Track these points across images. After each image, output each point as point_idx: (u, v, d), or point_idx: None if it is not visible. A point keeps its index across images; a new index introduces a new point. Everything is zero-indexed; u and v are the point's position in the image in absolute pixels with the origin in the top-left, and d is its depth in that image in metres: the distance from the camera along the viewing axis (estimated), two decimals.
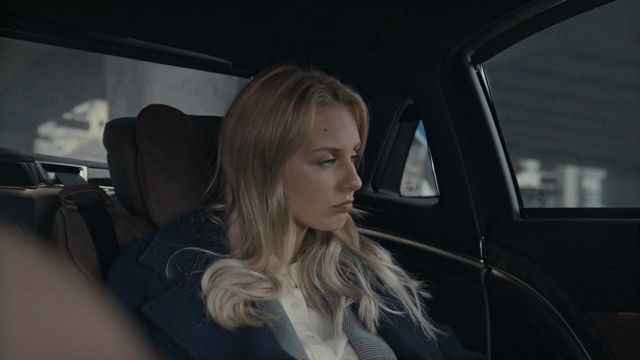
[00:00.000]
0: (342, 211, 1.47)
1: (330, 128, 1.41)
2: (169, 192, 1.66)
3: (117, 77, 3.36)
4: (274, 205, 1.40)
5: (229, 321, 1.27)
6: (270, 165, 1.39)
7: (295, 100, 1.38)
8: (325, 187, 1.42)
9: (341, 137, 1.42)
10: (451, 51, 1.93)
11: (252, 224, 1.42)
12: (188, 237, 1.44)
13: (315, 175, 1.41)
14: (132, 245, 1.48)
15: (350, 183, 1.43)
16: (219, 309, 1.27)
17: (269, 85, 1.43)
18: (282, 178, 1.41)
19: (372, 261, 1.59)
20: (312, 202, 1.43)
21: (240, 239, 1.44)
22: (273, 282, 1.39)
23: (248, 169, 1.41)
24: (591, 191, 2.60)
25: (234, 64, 2.57)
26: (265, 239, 1.41)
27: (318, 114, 1.40)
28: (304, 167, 1.41)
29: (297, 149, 1.39)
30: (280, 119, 1.37)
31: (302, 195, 1.42)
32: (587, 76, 2.12)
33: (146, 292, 1.37)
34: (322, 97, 1.41)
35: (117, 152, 1.72)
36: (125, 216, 1.73)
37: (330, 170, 1.43)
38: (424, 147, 2.55)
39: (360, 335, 1.40)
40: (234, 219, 1.46)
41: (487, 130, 1.92)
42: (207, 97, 3.51)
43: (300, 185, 1.42)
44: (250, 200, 1.42)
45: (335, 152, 1.42)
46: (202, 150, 1.76)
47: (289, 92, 1.39)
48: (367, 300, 1.44)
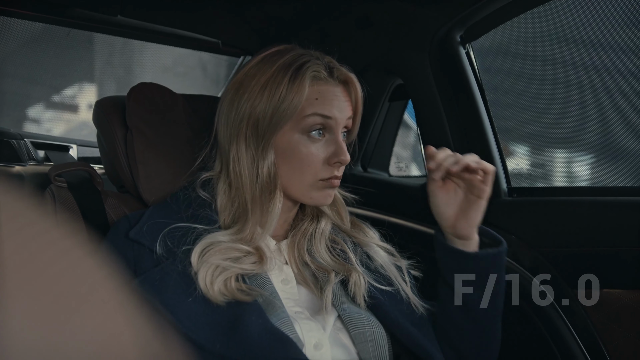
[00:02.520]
0: (330, 186, 1.48)
1: (322, 98, 1.44)
2: (158, 169, 1.66)
3: (107, 59, 3.35)
4: (264, 172, 1.42)
5: (220, 296, 1.28)
6: (263, 134, 1.41)
7: (290, 74, 1.41)
8: (314, 159, 1.44)
9: (332, 108, 1.44)
10: (440, 31, 1.94)
11: (239, 190, 1.44)
12: (178, 213, 1.46)
13: (304, 147, 1.43)
14: (122, 221, 1.48)
15: (339, 157, 1.44)
16: (209, 283, 1.29)
17: (267, 60, 1.46)
18: (274, 148, 1.43)
19: (361, 239, 1.61)
20: (300, 174, 1.44)
21: (226, 206, 1.47)
22: (259, 255, 1.41)
23: (241, 136, 1.43)
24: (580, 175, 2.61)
25: (223, 43, 2.57)
26: (252, 206, 1.43)
27: (311, 87, 1.43)
28: (295, 136, 1.43)
29: (289, 119, 1.41)
30: (275, 90, 1.40)
31: (291, 166, 1.44)
32: (575, 60, 2.12)
33: (136, 267, 1.37)
34: (317, 72, 1.44)
35: (106, 130, 1.72)
36: (115, 194, 1.73)
37: (320, 144, 1.45)
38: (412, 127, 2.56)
39: (350, 309, 1.41)
40: (221, 186, 1.48)
41: (476, 109, 1.93)
42: (197, 79, 3.50)
43: (290, 155, 1.44)
44: (240, 168, 1.44)
45: (325, 121, 1.44)
46: (192, 128, 1.76)
47: (285, 66, 1.42)
48: (357, 276, 1.45)
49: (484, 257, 1.46)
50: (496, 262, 1.47)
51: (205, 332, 1.24)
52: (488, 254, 1.46)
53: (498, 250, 1.46)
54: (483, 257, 1.46)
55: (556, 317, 1.68)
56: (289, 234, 1.58)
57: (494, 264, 1.47)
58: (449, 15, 1.89)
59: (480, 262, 1.46)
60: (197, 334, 1.24)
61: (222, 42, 2.57)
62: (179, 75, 3.54)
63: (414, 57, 2.00)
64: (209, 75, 3.45)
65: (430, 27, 1.93)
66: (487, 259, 1.46)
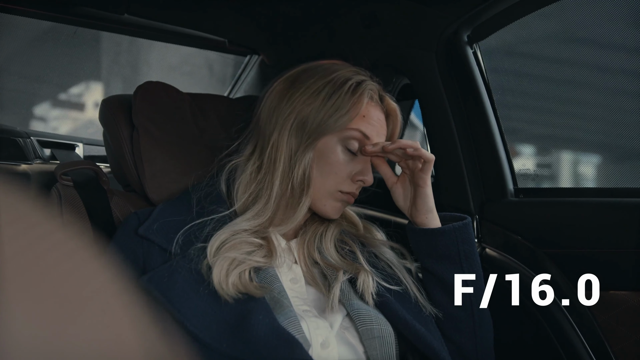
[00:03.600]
0: (344, 201, 1.53)
1: (368, 117, 1.50)
2: (164, 168, 1.66)
3: (113, 57, 3.35)
4: (299, 171, 1.46)
5: (233, 289, 1.29)
6: (309, 134, 1.46)
7: (349, 86, 1.48)
8: (342, 170, 1.49)
9: (373, 129, 1.50)
10: (447, 30, 1.93)
11: (269, 175, 1.48)
12: (189, 209, 1.48)
13: (337, 156, 1.49)
14: (132, 218, 1.50)
15: (364, 177, 1.50)
16: (225, 276, 1.30)
17: (325, 66, 1.54)
18: (314, 149, 1.47)
19: (370, 239, 1.65)
20: (325, 178, 1.49)
21: (248, 187, 1.51)
22: (268, 248, 1.44)
23: (286, 127, 1.48)
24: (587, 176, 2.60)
25: (230, 42, 2.57)
26: (276, 197, 1.47)
27: (365, 105, 1.50)
28: (334, 144, 1.48)
29: (339, 128, 1.47)
30: (332, 96, 1.46)
31: (320, 169, 1.48)
32: (583, 60, 2.11)
33: (145, 264, 1.38)
34: (373, 93, 1.53)
35: (113, 128, 1.72)
36: (121, 193, 1.73)
37: (351, 159, 1.51)
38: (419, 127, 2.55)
39: (359, 306, 1.42)
40: (250, 168, 1.52)
41: (482, 110, 1.93)
42: (203, 78, 3.50)
43: (324, 159, 1.48)
44: (277, 155, 1.48)
45: (363, 140, 1.49)
46: (198, 127, 1.76)
47: (346, 78, 1.49)
48: (365, 275, 1.47)
49: (448, 231, 1.51)
50: (460, 234, 1.52)
51: (212, 331, 1.25)
52: (451, 228, 1.51)
53: (462, 224, 1.52)
54: (447, 231, 1.51)
55: (562, 318, 1.68)
56: (299, 233, 1.60)
57: (460, 237, 1.52)
58: (456, 15, 1.89)
59: (445, 236, 1.51)
60: (203, 333, 1.24)
61: (229, 40, 2.57)
62: (186, 74, 3.54)
63: (421, 56, 2.00)
64: (215, 75, 3.45)
65: (438, 26, 1.93)
66: (450, 233, 1.51)
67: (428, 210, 1.52)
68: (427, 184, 1.49)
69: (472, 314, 1.54)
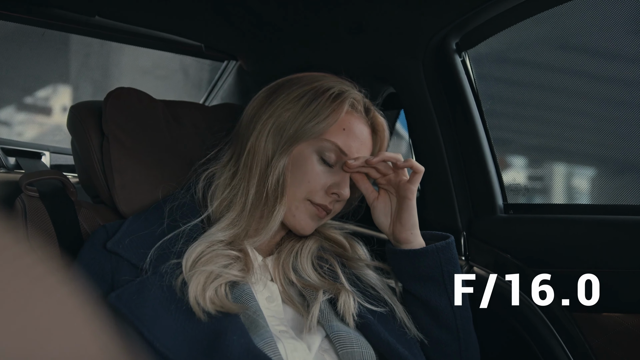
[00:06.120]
0: (315, 215, 1.53)
1: (348, 130, 1.52)
2: (135, 178, 1.66)
3: (83, 60, 3.33)
4: (274, 178, 1.46)
5: (210, 304, 1.28)
6: (285, 139, 1.48)
7: (331, 93, 1.50)
8: (316, 180, 1.50)
9: (352, 144, 1.52)
10: (435, 38, 1.94)
11: (244, 182, 1.50)
12: (160, 222, 1.48)
13: (312, 165, 1.50)
14: (100, 232, 1.49)
15: (339, 189, 1.51)
16: (202, 291, 1.30)
17: (310, 77, 1.57)
18: (289, 156, 1.48)
19: (353, 259, 1.65)
20: (297, 187, 1.49)
21: (222, 192, 1.52)
22: (245, 262, 1.44)
23: (262, 134, 1.50)
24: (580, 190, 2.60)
25: (206, 46, 2.57)
26: (251, 206, 1.48)
27: (346, 114, 1.52)
28: (310, 152, 1.50)
29: (315, 136, 1.48)
30: (312, 103, 1.49)
31: (294, 177, 1.49)
32: (577, 69, 2.12)
33: (114, 280, 1.38)
34: (356, 102, 1.55)
35: (81, 136, 1.71)
36: (89, 204, 1.73)
37: (327, 170, 1.52)
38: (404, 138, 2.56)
39: (339, 328, 1.42)
40: (225, 174, 1.54)
41: (471, 121, 1.94)
42: (178, 83, 3.49)
43: (298, 167, 1.49)
44: (253, 161, 1.50)
45: (339, 155, 1.51)
46: (171, 136, 1.76)
47: (327, 87, 1.52)
48: (346, 295, 1.47)
49: (431, 251, 1.51)
50: (444, 255, 1.52)
51: (183, 351, 1.24)
52: (434, 248, 1.51)
53: (446, 243, 1.53)
54: (430, 251, 1.51)
55: (553, 340, 1.68)
56: (275, 251, 1.60)
57: (444, 258, 1.52)
58: (444, 22, 1.89)
59: (427, 257, 1.51)
60: (174, 353, 1.23)
61: (205, 45, 2.57)
62: (159, 79, 3.53)
63: (407, 64, 2.01)
64: (191, 80, 3.44)
65: (425, 33, 1.94)
66: (433, 253, 1.51)
67: (413, 226, 1.52)
68: (415, 195, 1.50)
69: (458, 338, 1.55)
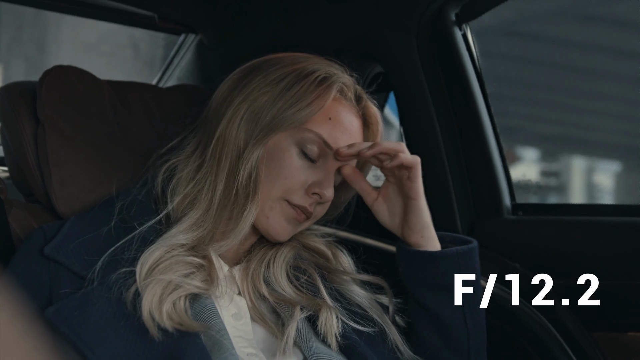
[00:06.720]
0: (293, 217, 1.50)
1: (335, 120, 1.50)
2: (76, 174, 1.65)
3: (14, 33, 3.33)
4: (245, 172, 1.44)
5: (167, 320, 1.26)
6: (260, 128, 1.45)
7: (317, 77, 1.47)
8: (295, 177, 1.47)
9: (339, 136, 1.50)
10: (430, 8, 1.94)
11: (210, 176, 1.48)
12: (108, 223, 1.45)
13: (290, 159, 1.47)
14: (37, 235, 1.47)
15: (321, 189, 1.48)
16: (157, 303, 1.27)
17: (292, 58, 1.54)
18: (264, 147, 1.46)
19: (335, 269, 1.63)
20: (272, 183, 1.47)
21: (185, 187, 1.50)
22: (209, 271, 1.41)
23: (234, 121, 1.47)
24: (603, 187, 2.61)
25: (160, 17, 2.56)
26: (219, 205, 1.46)
27: (332, 101, 1.49)
28: (288, 144, 1.47)
29: (295, 125, 1.46)
30: (295, 85, 1.46)
31: (268, 171, 1.46)
32: (600, 43, 2.12)
33: (52, 292, 1.36)
34: (346, 89, 1.52)
35: (12, 124, 1.71)
36: (21, 203, 1.72)
37: (309, 166, 1.49)
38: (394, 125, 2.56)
39: (319, 350, 1.40)
40: (189, 167, 1.51)
41: (474, 106, 1.94)
42: (127, 60, 3.49)
43: (274, 160, 1.47)
44: (222, 152, 1.47)
45: (323, 147, 1.49)
46: (120, 124, 1.75)
47: (312, 69, 1.49)
48: (328, 312, 1.45)
49: (450, 256, 1.50)
50: (465, 261, 1.51)
51: None
52: (454, 252, 1.50)
53: (468, 248, 1.51)
54: (449, 256, 1.50)
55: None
56: (243, 259, 1.58)
57: (463, 265, 1.51)
58: None
59: (445, 262, 1.50)
60: None
61: (159, 16, 2.56)
62: (105, 55, 3.53)
63: (398, 39, 2.01)
64: (142, 56, 3.44)
65: (419, 3, 1.94)
66: (452, 258, 1.50)
67: (424, 227, 1.51)
68: (420, 194, 1.48)
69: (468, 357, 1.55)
